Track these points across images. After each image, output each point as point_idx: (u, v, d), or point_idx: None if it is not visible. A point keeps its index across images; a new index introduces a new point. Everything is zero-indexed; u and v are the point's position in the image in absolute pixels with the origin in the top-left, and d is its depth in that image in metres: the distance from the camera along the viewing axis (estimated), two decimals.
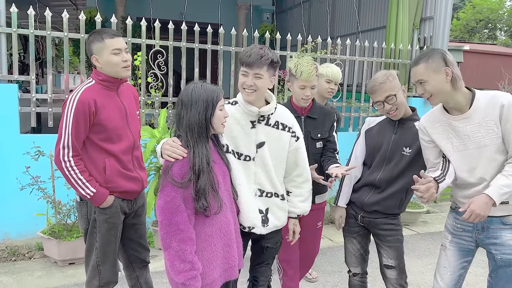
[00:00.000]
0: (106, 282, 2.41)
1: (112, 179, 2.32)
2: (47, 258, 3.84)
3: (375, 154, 2.50)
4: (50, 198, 3.76)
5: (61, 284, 3.44)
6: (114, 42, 2.28)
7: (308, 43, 5.21)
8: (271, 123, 2.26)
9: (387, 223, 2.51)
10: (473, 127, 2.09)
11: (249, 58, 2.08)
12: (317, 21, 10.90)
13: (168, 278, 1.92)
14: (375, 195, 2.48)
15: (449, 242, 2.32)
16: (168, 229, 1.78)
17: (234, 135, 2.19)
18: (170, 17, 5.67)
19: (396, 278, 2.52)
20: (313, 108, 2.74)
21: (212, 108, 1.89)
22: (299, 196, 2.39)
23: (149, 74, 4.61)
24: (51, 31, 4.21)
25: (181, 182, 1.79)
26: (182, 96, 1.91)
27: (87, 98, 2.22)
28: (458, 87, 2.10)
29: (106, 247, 2.38)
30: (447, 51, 2.14)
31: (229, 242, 1.95)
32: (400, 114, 2.42)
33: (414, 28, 6.25)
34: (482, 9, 28.90)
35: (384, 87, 2.35)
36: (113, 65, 2.28)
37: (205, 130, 1.89)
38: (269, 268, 2.47)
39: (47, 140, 3.99)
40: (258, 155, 2.23)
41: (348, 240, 2.69)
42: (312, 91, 2.63)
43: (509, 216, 2.14)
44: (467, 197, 2.19)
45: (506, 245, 2.15)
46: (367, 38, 8.07)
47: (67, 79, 4.43)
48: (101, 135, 2.29)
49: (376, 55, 5.96)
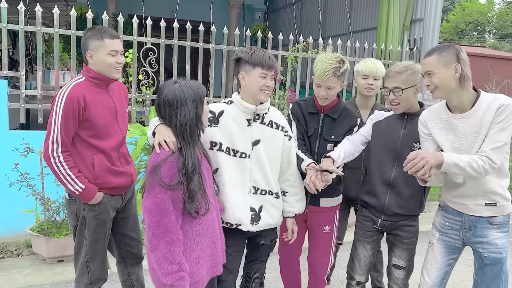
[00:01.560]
0: (96, 280, 2.40)
1: (100, 175, 2.32)
2: (35, 256, 3.81)
3: (383, 148, 2.43)
4: (39, 195, 3.73)
5: (50, 282, 3.42)
6: (113, 43, 2.30)
7: (299, 42, 5.24)
8: (266, 122, 2.30)
9: (408, 225, 2.46)
10: (471, 127, 2.10)
11: (269, 61, 2.18)
12: (309, 21, 10.95)
13: (152, 278, 1.91)
14: (394, 196, 2.41)
15: (436, 239, 2.36)
16: (157, 230, 1.77)
17: (231, 131, 2.21)
18: (161, 15, 5.67)
19: (403, 278, 2.51)
20: (335, 107, 2.53)
21: (201, 104, 1.88)
22: (295, 195, 2.43)
23: (140, 71, 4.60)
24: (41, 27, 4.18)
25: (171, 184, 1.77)
26: (168, 97, 1.83)
27: (76, 94, 2.22)
28: (465, 87, 2.10)
29: (95, 244, 2.37)
30: (462, 49, 2.11)
31: (214, 239, 1.97)
32: (400, 110, 2.38)
33: (404, 29, 6.31)
34: (472, 12, 29.21)
35: (398, 77, 2.32)
36: (107, 66, 2.30)
37: (197, 129, 1.88)
38: (263, 266, 2.49)
39: (37, 136, 3.96)
40: (253, 152, 2.25)
41: (360, 246, 2.55)
42: (328, 91, 2.41)
43: (496, 216, 2.18)
44: (455, 196, 2.24)
45: (492, 243, 2.19)
46: (358, 38, 8.13)
47: (57, 76, 4.40)
48: (90, 132, 2.29)
49: (366, 56, 6.00)
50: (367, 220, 2.53)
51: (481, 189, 2.16)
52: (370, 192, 2.50)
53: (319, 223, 2.62)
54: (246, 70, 2.19)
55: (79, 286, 2.42)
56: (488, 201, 2.16)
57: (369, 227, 2.52)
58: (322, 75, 2.37)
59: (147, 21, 4.59)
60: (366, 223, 2.54)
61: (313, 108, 2.54)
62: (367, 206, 2.54)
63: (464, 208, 2.22)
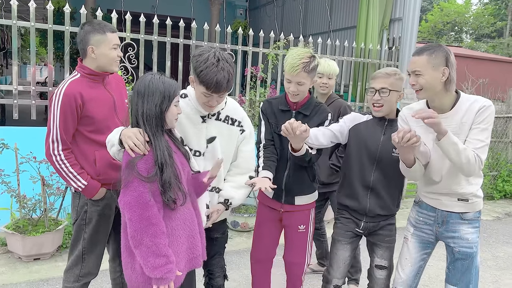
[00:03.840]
0: (87, 273, 2.40)
1: (102, 171, 2.33)
2: (10, 254, 3.74)
3: (363, 152, 2.41)
4: (15, 192, 3.66)
5: (26, 280, 3.36)
6: (114, 37, 2.35)
7: (280, 40, 5.26)
8: (222, 118, 2.26)
9: (388, 224, 2.49)
10: (451, 128, 2.11)
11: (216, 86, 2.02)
12: (290, 19, 10.99)
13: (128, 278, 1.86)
14: (374, 198, 2.42)
15: (411, 234, 2.41)
16: (139, 225, 1.74)
17: (185, 130, 2.18)
18: (141, 10, 5.60)
19: (385, 278, 2.53)
20: (306, 104, 2.48)
21: (168, 101, 1.87)
22: (231, 182, 2.35)
23: (119, 67, 4.54)
24: (17, 21, 4.09)
25: (148, 176, 1.77)
26: (139, 86, 1.86)
27: (73, 92, 2.23)
28: (449, 90, 2.12)
29: (95, 238, 2.38)
30: (451, 52, 2.12)
31: (192, 233, 1.97)
32: (382, 113, 2.37)
33: (384, 28, 6.40)
34: (449, 12, 29.79)
35: (387, 79, 2.33)
36: (110, 59, 2.33)
37: (161, 123, 1.87)
38: (222, 258, 2.47)
39: (12, 132, 3.88)
40: (208, 150, 2.22)
41: (341, 246, 2.51)
42: (299, 87, 2.36)
43: (468, 213, 2.25)
44: (431, 192, 2.30)
45: (463, 238, 2.25)
46: (338, 37, 8.20)
47: (34, 71, 4.31)
48: (90, 127, 2.29)
49: (346, 54, 6.07)
50: (349, 221, 2.51)
51: (455, 188, 2.21)
52: (350, 196, 2.48)
53: (294, 222, 2.58)
54: (195, 79, 2.10)
55: (68, 277, 2.40)
56: (461, 197, 2.22)
57: (350, 228, 2.51)
58: (291, 70, 2.32)
59: (126, 16, 4.53)
60: (348, 224, 2.51)
61: (284, 105, 2.49)
62: (347, 209, 2.52)
63: (437, 203, 2.28)
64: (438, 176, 2.23)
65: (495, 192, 7.04)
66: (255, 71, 5.03)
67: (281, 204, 2.56)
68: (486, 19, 29.40)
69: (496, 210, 6.39)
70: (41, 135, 2.41)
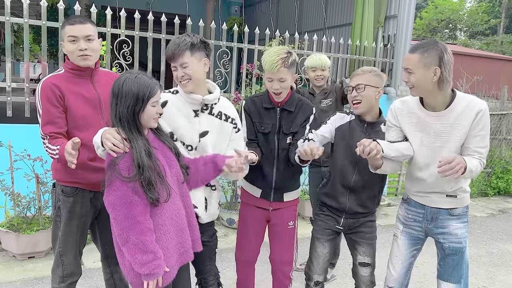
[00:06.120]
0: (69, 274, 2.37)
1: (77, 172, 2.24)
2: (5, 252, 3.71)
3: (345, 153, 2.43)
4: (9, 190, 3.64)
5: (20, 279, 3.34)
6: (72, 29, 2.21)
7: (276, 37, 5.25)
8: (215, 113, 2.26)
9: (368, 221, 2.51)
10: (443, 127, 2.13)
11: (168, 52, 2.09)
12: (285, 15, 10.98)
13: (126, 275, 1.88)
14: (353, 198, 2.44)
15: (400, 232, 2.42)
16: (125, 223, 1.76)
17: (178, 125, 2.18)
18: (136, 7, 5.56)
19: (370, 275, 2.54)
20: (290, 100, 2.48)
21: (142, 103, 1.83)
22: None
23: (114, 64, 4.52)
24: (10, 17, 4.05)
25: (129, 176, 1.76)
26: (114, 86, 1.83)
27: (49, 83, 2.20)
28: (443, 89, 2.09)
29: (67, 237, 2.33)
30: (447, 50, 2.06)
31: (181, 227, 1.96)
32: (361, 109, 2.37)
33: (379, 25, 6.41)
34: (444, 10, 29.89)
35: (362, 75, 2.34)
36: (69, 53, 2.24)
37: (135, 125, 1.85)
38: (214, 266, 2.42)
39: (5, 130, 3.85)
40: (200, 144, 2.22)
41: (320, 244, 2.54)
42: (281, 84, 2.36)
43: (456, 208, 2.27)
44: (419, 191, 2.32)
45: (453, 234, 2.27)
46: (334, 34, 8.20)
47: (28, 68, 4.28)
48: (70, 123, 2.24)
49: (342, 51, 6.07)
50: (328, 219, 2.53)
51: (445, 187, 2.23)
52: (330, 195, 2.51)
53: (283, 220, 2.59)
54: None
55: (54, 278, 2.38)
56: (449, 194, 2.24)
57: (330, 225, 2.53)
58: (271, 67, 2.32)
59: (121, 13, 4.50)
60: (327, 222, 2.53)
61: (268, 103, 2.47)
62: (327, 206, 2.55)
63: (426, 200, 2.30)
64: (428, 176, 2.24)
65: (489, 189, 7.09)
66: (251, 68, 5.02)
67: (270, 203, 2.56)
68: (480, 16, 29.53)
69: (490, 207, 6.43)
70: (35, 132, 2.39)
